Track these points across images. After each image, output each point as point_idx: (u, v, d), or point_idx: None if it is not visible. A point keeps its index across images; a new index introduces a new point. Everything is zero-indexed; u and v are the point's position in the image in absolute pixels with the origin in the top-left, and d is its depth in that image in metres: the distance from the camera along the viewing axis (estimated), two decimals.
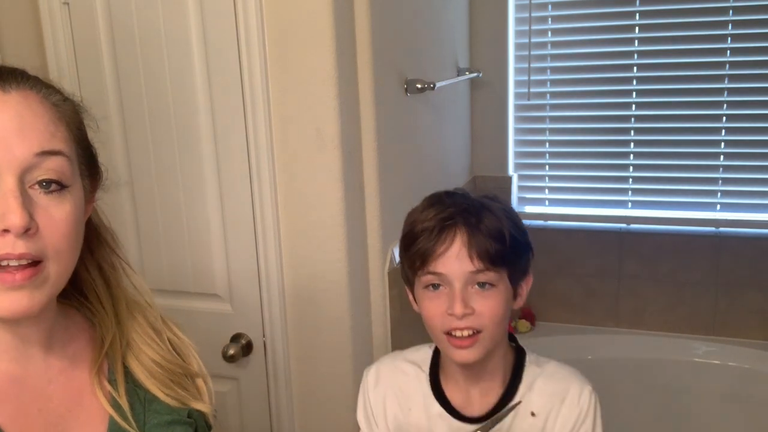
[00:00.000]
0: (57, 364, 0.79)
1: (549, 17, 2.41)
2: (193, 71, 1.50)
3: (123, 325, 0.84)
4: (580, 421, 1.03)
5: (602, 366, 2.34)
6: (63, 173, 0.72)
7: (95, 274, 0.84)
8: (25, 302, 0.69)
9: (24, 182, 0.69)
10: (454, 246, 0.96)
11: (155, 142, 1.57)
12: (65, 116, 0.76)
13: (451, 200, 1.01)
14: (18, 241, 0.67)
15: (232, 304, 1.62)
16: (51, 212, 0.70)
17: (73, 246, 0.74)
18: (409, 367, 1.10)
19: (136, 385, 0.83)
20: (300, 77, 1.45)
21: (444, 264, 0.97)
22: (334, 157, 1.47)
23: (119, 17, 1.53)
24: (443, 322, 0.98)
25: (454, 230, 0.97)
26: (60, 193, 0.72)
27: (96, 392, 0.80)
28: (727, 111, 2.30)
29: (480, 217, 0.97)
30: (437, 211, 0.99)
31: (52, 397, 0.77)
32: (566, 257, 2.53)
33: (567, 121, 2.48)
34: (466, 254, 0.96)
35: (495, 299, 0.98)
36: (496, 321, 0.98)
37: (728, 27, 2.24)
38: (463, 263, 0.96)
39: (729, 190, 2.36)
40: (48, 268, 0.70)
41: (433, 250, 0.97)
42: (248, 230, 1.55)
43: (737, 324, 2.40)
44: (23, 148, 0.69)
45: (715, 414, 2.28)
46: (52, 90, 0.76)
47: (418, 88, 1.79)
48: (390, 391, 1.09)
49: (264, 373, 1.63)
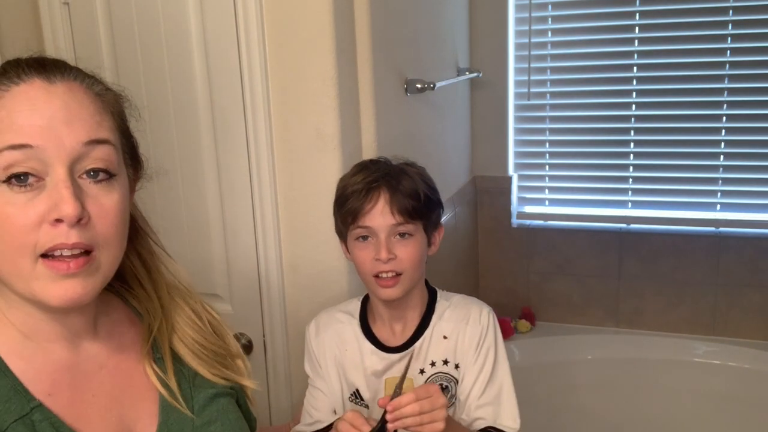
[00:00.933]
0: (105, 350, 0.81)
1: (549, 17, 2.41)
2: (193, 71, 1.50)
3: (166, 309, 0.87)
4: (483, 336, 1.23)
5: (602, 366, 2.34)
6: (111, 162, 0.73)
7: (136, 262, 0.86)
8: (79, 290, 0.70)
9: (74, 172, 0.70)
10: (379, 204, 1.17)
11: (155, 142, 1.57)
12: (109, 105, 0.77)
13: (375, 167, 1.22)
14: (71, 231, 0.68)
15: (232, 304, 1.62)
16: (101, 201, 0.71)
17: (121, 234, 0.75)
18: (343, 315, 1.30)
19: (182, 365, 0.86)
20: (300, 77, 1.45)
21: (371, 219, 1.17)
22: (334, 157, 1.47)
23: (119, 17, 1.53)
24: (372, 267, 1.18)
25: (379, 191, 1.17)
26: (108, 182, 0.73)
27: (147, 373, 0.82)
28: (727, 111, 2.30)
29: (399, 180, 1.18)
30: (364, 176, 1.19)
31: (103, 382, 0.79)
32: (566, 257, 2.53)
33: (567, 121, 2.48)
34: (389, 210, 1.16)
35: (413, 246, 1.19)
36: (414, 265, 1.19)
37: (728, 27, 2.25)
38: (386, 218, 1.16)
39: (729, 190, 2.36)
40: (99, 257, 0.71)
41: (361, 208, 1.17)
42: (248, 230, 1.55)
43: (737, 324, 2.40)
44: (72, 138, 0.69)
45: (715, 414, 2.28)
46: (95, 80, 0.77)
47: (418, 88, 1.79)
48: (328, 336, 1.28)
49: (264, 372, 1.63)
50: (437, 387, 1.06)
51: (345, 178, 1.24)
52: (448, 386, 1.22)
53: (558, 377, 2.30)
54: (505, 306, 2.56)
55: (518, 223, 2.57)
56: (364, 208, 1.17)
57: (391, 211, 1.16)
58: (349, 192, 1.19)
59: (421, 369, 1.22)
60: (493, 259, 2.61)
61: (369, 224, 1.17)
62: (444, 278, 2.10)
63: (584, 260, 2.51)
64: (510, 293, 2.60)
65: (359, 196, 1.17)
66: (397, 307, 1.24)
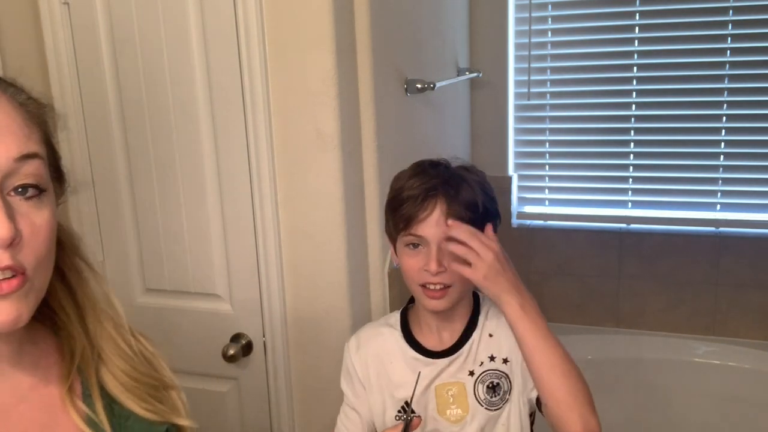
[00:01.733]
0: (27, 380, 0.74)
1: (549, 17, 2.41)
2: (193, 71, 1.50)
3: (92, 335, 0.78)
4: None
5: (602, 366, 2.34)
6: (41, 177, 0.68)
7: (56, 281, 0.76)
8: (13, 313, 0.65)
9: (2, 189, 0.64)
10: (435, 213, 1.11)
11: (155, 142, 1.57)
12: (35, 116, 0.70)
13: (435, 171, 1.16)
14: (3, 253, 0.63)
15: (232, 304, 1.62)
16: (32, 219, 0.66)
17: (52, 251, 0.70)
18: (385, 329, 1.27)
19: (111, 400, 0.77)
20: (300, 77, 1.45)
21: (424, 228, 1.12)
22: (334, 157, 1.47)
23: (119, 17, 1.53)
24: (420, 276, 1.14)
25: (435, 200, 1.12)
26: (39, 198, 0.67)
27: (69, 411, 0.74)
28: (727, 111, 2.30)
29: (458, 189, 1.13)
30: (422, 180, 1.14)
31: (23, 416, 0.72)
32: (566, 257, 2.53)
33: (567, 121, 2.48)
34: (444, 221, 1.11)
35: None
36: (464, 278, 1.12)
37: (728, 27, 2.24)
38: (440, 228, 1.11)
39: (729, 190, 2.36)
40: (33, 277, 0.66)
41: (416, 215, 1.12)
42: (248, 230, 1.55)
43: (737, 324, 2.40)
44: (2, 153, 0.64)
45: (715, 414, 2.28)
46: (17, 89, 0.71)
47: (418, 88, 1.79)
48: (371, 351, 1.25)
49: (264, 373, 1.63)
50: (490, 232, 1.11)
51: (401, 179, 1.18)
52: (499, 383, 1.19)
53: None
54: None
55: (518, 223, 2.57)
56: (419, 216, 1.12)
57: (446, 221, 1.11)
58: (405, 196, 1.13)
59: (471, 371, 1.19)
60: None
61: (422, 233, 1.12)
62: None
63: (584, 260, 2.51)
64: None
65: (415, 202, 1.12)
66: (445, 318, 1.21)
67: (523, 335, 1.08)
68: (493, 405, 1.18)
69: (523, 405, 1.19)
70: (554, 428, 1.09)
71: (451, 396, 1.19)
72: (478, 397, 1.18)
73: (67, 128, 1.61)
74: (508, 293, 1.08)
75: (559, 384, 1.06)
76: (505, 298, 1.08)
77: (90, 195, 1.66)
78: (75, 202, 1.66)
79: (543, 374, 1.07)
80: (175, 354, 1.69)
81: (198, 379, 1.69)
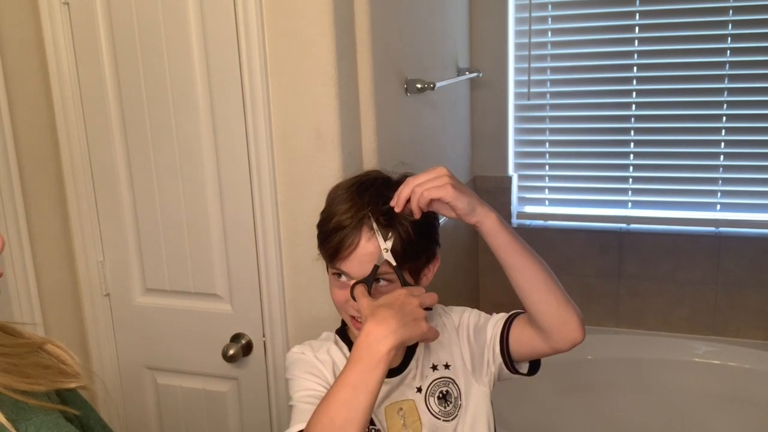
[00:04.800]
0: None
1: (549, 17, 2.41)
2: (193, 71, 1.50)
3: None
4: (460, 315, 1.19)
5: (602, 366, 2.34)
6: None
7: None
8: None
9: None
10: (359, 251, 1.03)
11: (155, 142, 1.57)
12: None
13: (367, 195, 1.06)
14: None
15: (232, 304, 1.62)
16: None
17: None
18: (329, 345, 1.16)
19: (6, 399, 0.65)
20: (300, 77, 1.45)
21: (348, 265, 1.05)
22: (334, 157, 1.47)
23: (119, 17, 1.53)
24: (347, 308, 1.07)
25: (360, 232, 1.03)
26: None
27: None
28: (727, 111, 2.30)
29: (387, 222, 1.03)
30: (351, 210, 1.04)
31: None
32: (566, 257, 2.53)
33: (567, 121, 2.48)
34: (369, 259, 1.03)
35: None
36: None
37: (728, 27, 2.25)
38: (365, 267, 1.03)
39: (729, 190, 2.36)
40: None
41: (340, 250, 1.04)
42: (248, 230, 1.55)
43: (737, 324, 2.40)
44: None
45: (715, 414, 2.28)
46: None
47: (418, 88, 1.79)
48: (325, 358, 1.14)
49: (264, 373, 1.63)
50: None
51: (334, 201, 1.09)
52: (449, 390, 1.14)
53: (558, 377, 2.29)
54: (505, 306, 2.53)
55: (518, 223, 2.57)
56: (342, 253, 1.04)
57: (371, 258, 1.03)
58: (332, 227, 1.05)
59: (418, 387, 1.13)
60: (493, 259, 2.56)
61: (346, 270, 1.05)
62: (444, 278, 2.10)
63: (584, 260, 2.51)
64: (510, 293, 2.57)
65: (341, 234, 1.04)
66: None
67: (505, 247, 1.06)
68: (449, 415, 1.12)
69: (484, 396, 1.15)
70: (549, 338, 1.09)
71: (401, 417, 1.11)
72: (432, 411, 1.12)
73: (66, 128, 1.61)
74: (481, 205, 1.03)
75: (551, 290, 1.08)
76: (481, 209, 1.03)
77: (90, 195, 1.66)
78: (75, 202, 1.66)
79: (533, 284, 1.08)
80: (175, 354, 1.69)
81: (198, 379, 1.69)
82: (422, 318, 0.96)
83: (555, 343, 1.09)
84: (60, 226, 1.67)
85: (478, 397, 1.15)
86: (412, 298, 0.97)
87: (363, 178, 1.11)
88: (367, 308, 0.96)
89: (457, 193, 1.00)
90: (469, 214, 1.03)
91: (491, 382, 1.16)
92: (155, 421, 1.78)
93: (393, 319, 0.93)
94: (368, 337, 0.92)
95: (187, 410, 1.73)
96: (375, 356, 0.91)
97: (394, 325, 0.93)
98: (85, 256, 1.69)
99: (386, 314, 0.94)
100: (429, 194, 1.00)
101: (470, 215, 1.03)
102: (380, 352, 0.91)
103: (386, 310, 0.94)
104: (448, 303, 1.29)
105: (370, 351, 0.92)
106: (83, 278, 1.70)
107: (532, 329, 1.11)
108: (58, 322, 1.66)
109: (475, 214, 1.03)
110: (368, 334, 0.93)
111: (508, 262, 1.08)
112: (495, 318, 1.18)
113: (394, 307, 0.95)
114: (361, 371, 0.92)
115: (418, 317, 0.96)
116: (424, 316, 0.97)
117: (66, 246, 1.68)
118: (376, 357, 0.91)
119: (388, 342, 0.92)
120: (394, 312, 0.94)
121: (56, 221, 1.66)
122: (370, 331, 0.93)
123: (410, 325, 0.94)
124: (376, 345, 0.91)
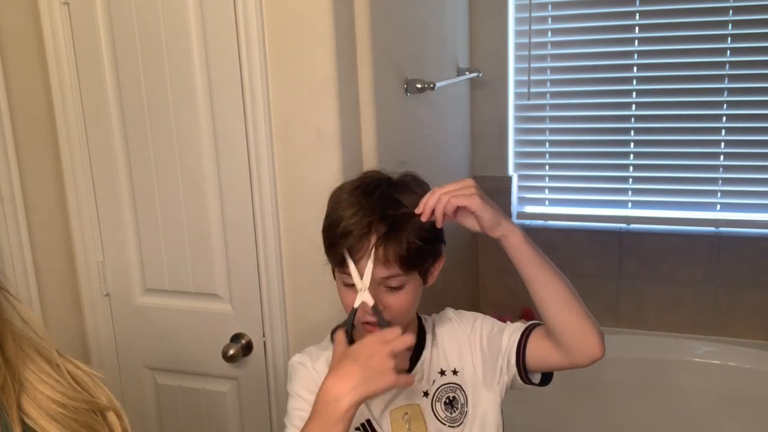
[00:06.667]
0: None
1: (549, 17, 2.41)
2: (193, 71, 1.50)
3: (12, 363, 0.71)
4: (467, 322, 1.17)
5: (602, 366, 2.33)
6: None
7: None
8: None
9: None
10: (367, 258, 1.02)
11: (155, 142, 1.57)
12: None
13: (371, 203, 1.03)
14: None
15: (232, 304, 1.62)
16: None
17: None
18: (324, 353, 1.15)
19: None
20: (300, 77, 1.45)
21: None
22: (334, 157, 1.47)
23: (119, 17, 1.53)
24: (358, 314, 1.05)
25: (369, 237, 1.01)
26: None
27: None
28: (727, 111, 2.30)
29: (395, 227, 1.02)
30: (358, 214, 1.02)
31: None
32: (566, 257, 2.53)
33: (567, 121, 2.48)
34: (380, 263, 1.01)
35: (404, 296, 1.06)
36: (404, 312, 1.07)
37: (728, 27, 2.25)
38: (375, 271, 1.02)
39: (729, 190, 2.36)
40: None
41: (348, 256, 1.02)
42: (248, 230, 1.55)
43: (737, 324, 2.40)
44: None
45: (715, 414, 2.28)
46: None
47: (418, 88, 1.79)
48: (320, 366, 1.13)
49: (264, 373, 1.63)
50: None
51: (338, 205, 1.06)
52: (455, 396, 1.13)
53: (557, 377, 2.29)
54: (505, 306, 2.55)
55: (518, 223, 2.56)
56: (352, 257, 1.02)
57: (382, 262, 1.01)
58: (339, 232, 1.02)
59: (425, 391, 1.12)
60: (493, 259, 2.61)
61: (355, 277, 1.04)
62: (444, 278, 2.10)
63: (584, 260, 2.51)
64: (510, 293, 2.60)
65: (348, 240, 1.01)
66: None
67: (528, 261, 1.06)
68: (455, 421, 1.12)
69: (494, 403, 1.14)
70: (568, 353, 1.08)
71: (406, 421, 1.11)
72: (439, 416, 1.11)
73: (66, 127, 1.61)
74: (506, 220, 1.04)
75: (572, 306, 1.08)
76: (506, 224, 1.04)
77: (90, 195, 1.66)
78: (75, 202, 1.66)
79: (555, 298, 1.08)
80: (175, 354, 1.69)
81: (198, 379, 1.69)
82: (390, 369, 0.92)
83: (574, 358, 1.09)
84: (60, 226, 1.67)
85: (487, 405, 1.14)
86: (382, 345, 0.93)
87: (366, 180, 1.09)
88: (333, 359, 0.95)
89: (484, 204, 1.01)
90: (494, 227, 1.03)
91: (503, 391, 1.15)
92: (155, 421, 1.78)
93: (356, 374, 0.91)
94: (327, 394, 0.91)
95: (187, 410, 1.73)
96: (333, 415, 0.90)
97: (355, 380, 0.91)
98: (85, 256, 1.69)
99: (350, 369, 0.92)
100: (456, 201, 1.00)
101: (495, 228, 1.03)
102: (339, 411, 0.90)
103: (350, 364, 0.92)
104: (448, 303, 1.29)
105: (328, 409, 0.90)
106: (83, 278, 1.70)
107: (550, 342, 1.10)
108: (58, 322, 1.66)
109: (500, 228, 1.04)
110: (328, 390, 0.91)
111: (531, 276, 1.08)
112: (511, 327, 1.16)
113: (359, 360, 0.92)
114: (321, 427, 0.90)
115: (384, 369, 0.92)
116: (392, 366, 0.93)
117: (66, 246, 1.68)
118: (335, 416, 0.90)
119: (347, 401, 0.90)
120: (359, 366, 0.92)
121: (56, 221, 1.66)
122: (330, 387, 0.91)
123: (374, 380, 0.91)
124: (334, 404, 0.90)
